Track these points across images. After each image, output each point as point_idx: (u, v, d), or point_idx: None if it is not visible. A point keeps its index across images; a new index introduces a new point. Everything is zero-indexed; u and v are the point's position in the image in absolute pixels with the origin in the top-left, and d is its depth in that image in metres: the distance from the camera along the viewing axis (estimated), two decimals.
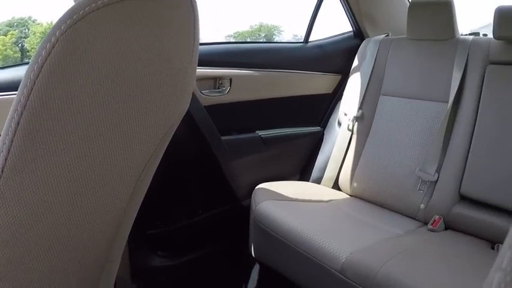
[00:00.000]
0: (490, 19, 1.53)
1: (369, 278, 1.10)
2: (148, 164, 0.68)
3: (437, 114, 1.57)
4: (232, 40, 2.33)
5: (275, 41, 2.42)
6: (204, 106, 1.58)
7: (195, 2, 0.64)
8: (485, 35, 1.74)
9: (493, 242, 1.38)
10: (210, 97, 1.63)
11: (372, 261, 1.14)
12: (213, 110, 1.61)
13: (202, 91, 1.61)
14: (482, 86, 1.51)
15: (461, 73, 1.55)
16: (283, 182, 1.72)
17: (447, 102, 1.54)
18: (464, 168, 1.48)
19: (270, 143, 1.77)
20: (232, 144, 1.67)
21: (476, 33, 1.75)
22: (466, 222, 1.44)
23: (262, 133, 1.76)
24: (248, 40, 2.45)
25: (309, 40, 1.99)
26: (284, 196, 1.55)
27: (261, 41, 2.43)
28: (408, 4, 1.79)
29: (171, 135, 0.71)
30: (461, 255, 1.27)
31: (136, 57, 0.56)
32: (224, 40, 2.23)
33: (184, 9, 0.62)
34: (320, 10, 1.94)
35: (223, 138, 1.64)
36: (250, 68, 1.74)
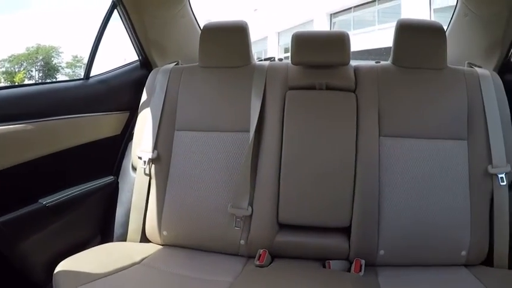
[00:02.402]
0: None
1: None
2: None
3: (240, 146, 1.52)
4: (7, 65, 1.84)
5: (54, 63, 2.02)
6: None
7: None
8: (280, 59, 1.79)
9: (323, 259, 1.44)
10: None
11: None
12: None
13: None
14: (283, 111, 1.53)
15: (260, 100, 1.54)
16: (86, 252, 1.41)
17: (249, 131, 1.51)
18: (278, 196, 1.48)
19: (58, 210, 1.48)
20: (9, 224, 1.35)
21: (272, 58, 1.79)
22: (292, 248, 1.46)
23: (47, 201, 1.45)
24: (25, 64, 1.98)
25: (91, 75, 1.71)
26: (91, 274, 1.25)
27: (31, 82, 1.99)
28: (200, 30, 1.70)
29: None
30: (298, 283, 1.27)
31: None
32: None
33: None
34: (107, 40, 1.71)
35: None
36: (18, 120, 1.39)
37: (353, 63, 1.63)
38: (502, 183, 1.42)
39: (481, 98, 1.49)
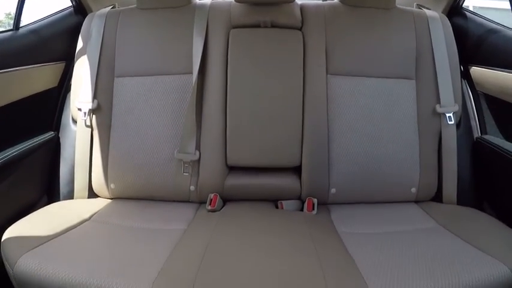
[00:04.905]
0: None
1: None
2: None
3: (184, 88, 1.48)
4: None
5: None
6: None
7: None
8: None
9: (275, 200, 1.46)
10: None
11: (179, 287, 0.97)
12: None
13: None
14: (227, 51, 1.49)
15: (202, 40, 1.48)
16: (32, 215, 1.32)
17: (192, 73, 1.46)
18: (225, 138, 1.46)
19: None
20: None
21: None
22: (243, 191, 1.46)
23: None
24: None
25: (20, 25, 1.55)
26: (40, 237, 1.17)
27: None
28: None
29: None
30: (252, 225, 1.27)
31: None
32: None
33: None
34: None
35: None
36: None
37: (299, 1, 1.59)
38: (449, 122, 1.45)
39: (430, 38, 1.50)
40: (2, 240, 1.17)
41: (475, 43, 1.58)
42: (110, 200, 1.51)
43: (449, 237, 1.19)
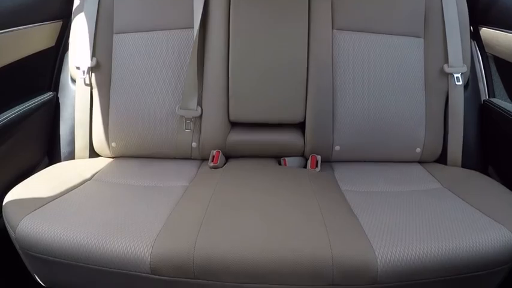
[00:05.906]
0: None
1: (185, 265, 0.94)
2: None
3: (184, 43, 1.45)
4: None
5: None
6: None
7: None
8: None
9: (278, 157, 1.46)
10: None
11: (182, 243, 0.96)
12: None
13: None
14: (229, 4, 1.45)
15: None
16: (34, 177, 1.32)
17: (193, 28, 1.43)
18: (228, 94, 1.44)
19: None
20: None
21: None
22: (245, 147, 1.46)
23: None
24: None
25: None
26: (42, 199, 1.17)
27: None
28: None
29: None
30: (255, 181, 1.27)
31: None
32: None
33: None
34: None
35: None
36: None
37: None
38: (457, 83, 1.42)
39: None
40: (4, 203, 1.16)
41: (486, 3, 1.53)
42: (111, 159, 1.50)
43: (452, 199, 1.19)
